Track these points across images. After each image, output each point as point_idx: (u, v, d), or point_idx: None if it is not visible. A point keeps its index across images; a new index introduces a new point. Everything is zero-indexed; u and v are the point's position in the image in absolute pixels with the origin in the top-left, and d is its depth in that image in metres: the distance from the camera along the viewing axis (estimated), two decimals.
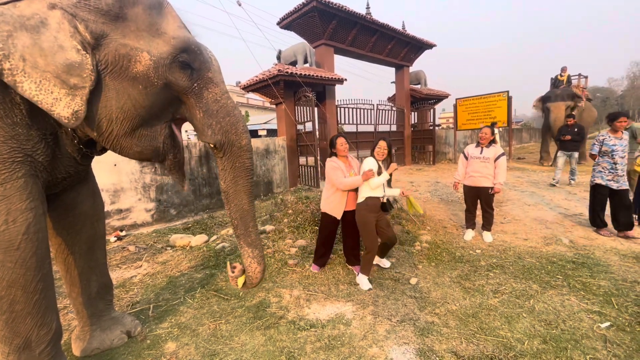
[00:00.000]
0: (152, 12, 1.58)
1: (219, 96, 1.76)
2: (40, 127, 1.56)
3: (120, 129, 1.58)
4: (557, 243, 3.95)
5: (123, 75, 1.52)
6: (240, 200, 1.91)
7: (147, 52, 1.53)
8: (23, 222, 1.48)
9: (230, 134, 1.79)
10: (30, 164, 1.53)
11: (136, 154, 1.71)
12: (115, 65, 1.50)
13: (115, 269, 3.67)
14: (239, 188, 1.89)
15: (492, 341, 2.19)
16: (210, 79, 1.74)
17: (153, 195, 5.56)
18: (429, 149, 12.54)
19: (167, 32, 1.59)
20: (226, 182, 1.88)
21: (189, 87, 1.68)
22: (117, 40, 1.49)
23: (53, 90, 1.40)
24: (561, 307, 2.56)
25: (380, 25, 9.63)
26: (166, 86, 1.62)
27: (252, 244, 1.96)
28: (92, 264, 2.16)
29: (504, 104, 11.04)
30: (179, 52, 1.59)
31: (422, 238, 4.24)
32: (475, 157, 4.11)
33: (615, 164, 3.99)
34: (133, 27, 1.52)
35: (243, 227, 1.95)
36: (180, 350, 2.22)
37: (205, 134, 1.76)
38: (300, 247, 4.00)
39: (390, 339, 2.26)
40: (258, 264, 1.97)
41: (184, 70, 1.63)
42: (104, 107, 1.52)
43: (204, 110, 1.73)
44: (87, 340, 2.20)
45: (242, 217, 1.93)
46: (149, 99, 1.58)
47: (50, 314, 1.65)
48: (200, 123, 1.75)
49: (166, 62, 1.57)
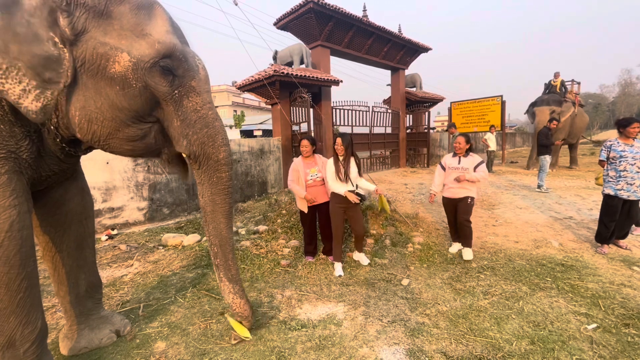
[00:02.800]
0: (139, 12, 1.53)
1: (200, 106, 1.71)
2: (23, 124, 1.53)
3: (102, 129, 1.54)
4: (547, 246, 4.00)
5: (100, 75, 1.47)
6: (219, 223, 1.87)
7: (127, 52, 1.48)
8: (6, 220, 1.46)
9: (206, 146, 1.74)
10: (15, 161, 1.50)
11: (128, 151, 1.69)
12: (93, 63, 1.45)
13: (105, 268, 3.64)
14: (217, 208, 1.85)
15: (481, 342, 2.21)
16: (192, 87, 1.69)
17: (146, 194, 5.51)
18: (423, 151, 12.61)
19: (153, 34, 1.54)
20: (204, 198, 1.85)
21: (169, 94, 1.62)
22: (97, 38, 1.44)
23: (22, 80, 1.33)
24: (549, 309, 2.59)
25: (376, 28, 9.69)
26: (145, 89, 1.57)
27: (232, 280, 1.99)
28: (80, 263, 2.14)
29: (498, 108, 11.19)
30: (161, 57, 1.54)
31: (414, 240, 4.27)
32: (453, 167, 3.82)
33: (623, 171, 3.61)
34: (117, 25, 1.47)
35: (223, 258, 1.93)
36: (169, 350, 2.20)
37: (180, 143, 1.72)
38: (293, 247, 4.00)
39: (380, 340, 2.27)
40: (241, 297, 2.03)
41: (165, 75, 1.58)
42: (82, 107, 1.48)
43: (181, 119, 1.68)
44: (75, 339, 2.17)
45: (221, 244, 1.91)
46: (127, 100, 1.53)
47: (35, 312, 1.63)
48: (177, 132, 1.70)
49: (146, 65, 1.52)
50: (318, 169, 3.58)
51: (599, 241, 3.84)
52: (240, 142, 7.23)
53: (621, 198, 3.64)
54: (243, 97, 34.77)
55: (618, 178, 3.66)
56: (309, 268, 3.50)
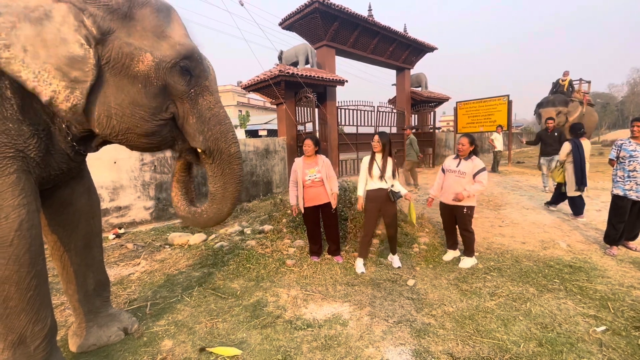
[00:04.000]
0: (159, 15, 1.63)
1: (213, 104, 1.82)
2: (32, 123, 1.55)
3: (120, 124, 1.60)
4: (555, 247, 3.96)
5: (124, 73, 1.55)
6: (224, 206, 1.97)
7: (150, 53, 1.57)
8: (15, 219, 1.48)
9: (220, 141, 1.84)
10: (23, 160, 1.53)
11: (144, 145, 1.76)
12: (117, 62, 1.52)
13: (113, 267, 3.67)
14: (227, 195, 1.95)
15: (488, 343, 2.19)
16: (206, 87, 1.81)
17: (152, 193, 5.56)
18: (429, 151, 12.55)
19: (173, 36, 1.65)
20: (215, 186, 1.94)
21: (186, 92, 1.72)
22: (122, 38, 1.52)
23: (52, 82, 1.41)
24: (557, 311, 2.57)
25: (381, 27, 9.66)
26: (164, 88, 1.66)
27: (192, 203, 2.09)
28: (88, 261, 2.16)
29: (504, 107, 11.07)
30: (181, 58, 1.65)
31: (420, 240, 4.25)
32: (451, 170, 3.52)
33: (632, 171, 3.53)
34: (139, 27, 1.56)
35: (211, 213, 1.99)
36: (176, 348, 2.22)
37: (196, 139, 1.81)
38: (298, 247, 4.01)
39: (386, 340, 2.26)
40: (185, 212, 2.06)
41: (184, 75, 1.68)
42: (102, 102, 1.54)
43: (197, 117, 1.78)
44: (83, 336, 2.20)
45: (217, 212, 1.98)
46: (147, 98, 1.61)
47: (45, 310, 1.66)
48: (193, 128, 1.79)
49: (168, 65, 1.61)
50: (318, 169, 3.55)
51: (607, 242, 3.78)
52: (246, 142, 7.26)
53: (630, 199, 3.58)
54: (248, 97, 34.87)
55: (627, 178, 3.60)
56: (315, 268, 3.50)
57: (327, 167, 3.61)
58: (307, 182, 3.53)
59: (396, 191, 3.36)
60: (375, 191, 3.38)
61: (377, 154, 3.42)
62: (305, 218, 3.68)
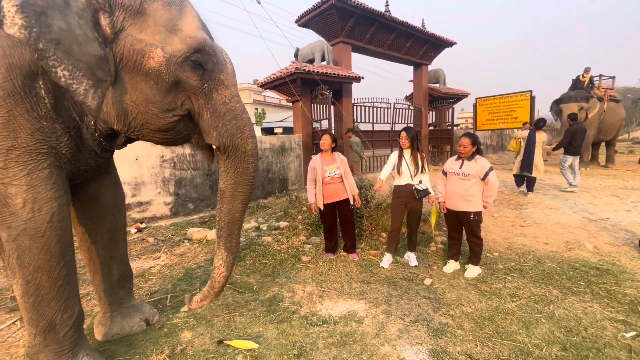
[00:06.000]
0: (171, 8, 1.60)
1: (228, 99, 1.77)
2: (63, 121, 1.61)
3: (135, 121, 1.62)
4: (580, 248, 3.80)
5: (136, 70, 1.55)
6: (235, 206, 1.95)
7: (161, 48, 1.55)
8: (48, 211, 1.54)
9: (235, 137, 1.80)
10: (55, 156, 1.59)
11: (160, 139, 1.77)
12: (129, 60, 1.53)
13: (135, 260, 3.80)
14: (237, 194, 1.92)
15: (509, 345, 2.13)
16: (221, 81, 1.74)
17: (172, 189, 5.71)
18: (446, 149, 12.30)
19: (184, 30, 1.60)
20: (226, 183, 1.91)
21: (199, 87, 1.68)
22: (133, 35, 1.52)
23: (82, 81, 1.43)
24: (583, 314, 2.47)
25: (399, 22, 9.51)
26: (177, 83, 1.64)
27: (229, 250, 2.06)
28: (113, 253, 2.24)
29: (527, 104, 10.68)
30: (192, 52, 1.60)
31: (437, 239, 4.18)
32: (454, 172, 3.22)
33: None
34: (151, 22, 1.54)
35: (227, 232, 2.01)
36: (195, 340, 2.28)
37: (210, 135, 1.77)
38: (314, 244, 4.02)
39: (402, 339, 2.24)
40: (226, 269, 2.08)
41: (196, 70, 1.64)
42: (119, 100, 1.57)
43: (211, 112, 1.74)
44: (108, 325, 2.29)
45: (230, 222, 1.99)
46: (160, 94, 1.61)
47: (73, 298, 1.73)
48: (207, 124, 1.76)
49: (179, 60, 1.58)
50: (337, 165, 3.57)
51: None
52: (262, 140, 7.33)
53: None
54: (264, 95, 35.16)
55: None
56: (330, 265, 3.51)
57: (344, 165, 3.62)
58: (326, 179, 3.53)
59: (421, 189, 3.31)
60: (402, 187, 3.37)
61: (405, 150, 3.38)
62: (323, 215, 3.67)
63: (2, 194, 1.48)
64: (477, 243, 3.19)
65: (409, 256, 3.57)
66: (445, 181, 3.34)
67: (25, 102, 1.46)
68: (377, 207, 4.63)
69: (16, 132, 1.45)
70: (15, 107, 1.44)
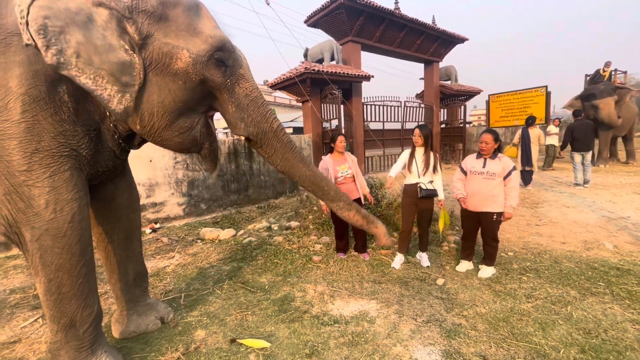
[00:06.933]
0: (190, 12, 1.68)
1: (249, 90, 1.86)
2: (84, 124, 1.68)
3: (161, 121, 1.69)
4: (599, 248, 3.69)
5: (165, 72, 1.63)
6: (301, 170, 2.01)
7: (187, 49, 1.63)
8: (69, 212, 1.60)
9: (261, 123, 1.88)
10: (76, 158, 1.65)
11: (177, 144, 1.82)
12: (159, 62, 1.61)
13: (150, 259, 3.89)
14: (293, 161, 1.99)
15: (525, 347, 2.09)
16: (241, 75, 1.84)
17: (185, 190, 5.81)
18: (459, 147, 12.11)
19: (204, 31, 1.69)
20: (279, 164, 1.99)
21: (223, 83, 1.77)
22: (160, 39, 1.60)
23: (107, 87, 1.50)
24: (602, 316, 2.39)
25: (409, 20, 9.41)
26: (202, 82, 1.72)
27: (334, 199, 2.09)
28: (129, 253, 2.30)
29: (542, 99, 10.40)
30: (215, 50, 1.69)
31: (449, 238, 4.12)
32: (476, 172, 3.07)
33: None
34: (174, 26, 1.63)
35: (320, 190, 2.07)
36: (209, 338, 2.31)
37: (238, 127, 1.87)
38: (325, 243, 4.03)
39: (415, 339, 2.22)
40: (349, 209, 2.11)
41: (219, 67, 1.73)
42: (146, 101, 1.63)
43: (236, 105, 1.83)
44: (125, 324, 2.35)
45: (312, 182, 2.04)
46: (187, 93, 1.69)
47: (92, 297, 1.79)
48: (233, 117, 1.85)
49: (204, 59, 1.66)
50: (348, 165, 3.58)
51: None
52: None
53: None
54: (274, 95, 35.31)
55: None
56: (341, 264, 3.51)
57: (355, 164, 3.63)
58: (339, 179, 3.53)
59: (425, 188, 3.24)
60: (412, 186, 3.33)
61: (417, 149, 3.32)
62: (334, 214, 3.64)
63: (26, 195, 1.53)
64: (493, 246, 3.11)
65: (420, 256, 3.53)
66: (464, 180, 3.20)
67: (50, 106, 1.53)
68: (388, 206, 4.61)
69: (40, 136, 1.51)
70: (40, 112, 1.50)
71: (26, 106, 1.47)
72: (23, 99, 1.46)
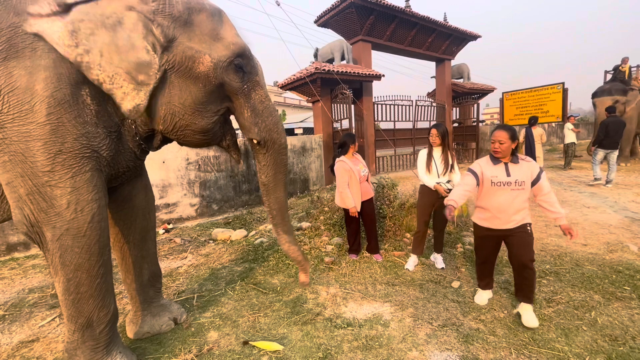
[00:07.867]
0: (213, 19, 1.77)
1: (264, 98, 1.96)
2: (106, 125, 1.71)
3: (181, 121, 1.77)
4: (624, 250, 3.53)
5: (187, 75, 1.70)
6: (279, 193, 2.16)
7: (209, 54, 1.71)
8: (89, 212, 1.63)
9: (273, 132, 1.99)
10: (96, 159, 1.68)
11: (199, 141, 1.92)
12: (182, 65, 1.68)
13: (163, 260, 3.92)
14: (278, 182, 2.13)
15: (547, 354, 2.01)
16: (257, 82, 1.94)
17: (197, 191, 5.86)
18: (472, 146, 11.89)
19: (226, 37, 1.78)
20: (267, 176, 2.10)
21: (240, 88, 1.86)
22: (184, 43, 1.67)
23: (123, 85, 1.57)
24: (630, 322, 2.28)
25: (420, 18, 9.29)
26: (221, 85, 1.80)
27: (288, 232, 2.27)
28: (144, 253, 2.32)
29: (559, 97, 10.10)
30: (235, 56, 1.78)
31: (464, 240, 4.03)
32: (501, 182, 2.37)
33: None
34: (198, 31, 1.71)
35: (280, 217, 2.22)
36: (221, 340, 2.31)
37: (252, 131, 1.96)
38: (336, 244, 3.99)
39: (431, 344, 2.17)
40: (294, 245, 2.30)
41: (238, 72, 1.82)
42: (168, 102, 1.71)
43: (251, 110, 1.92)
44: (139, 324, 2.37)
45: (279, 208, 2.19)
46: (207, 96, 1.78)
47: (109, 297, 1.81)
48: (248, 121, 1.94)
49: (224, 64, 1.75)
50: (364, 165, 3.63)
51: None
52: None
53: None
54: (284, 96, 35.49)
55: None
56: (353, 266, 3.46)
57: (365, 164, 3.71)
58: (362, 178, 3.55)
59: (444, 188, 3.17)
60: (426, 187, 3.28)
61: (435, 148, 3.26)
62: (349, 216, 3.55)
63: (48, 195, 1.56)
64: (532, 269, 2.33)
65: (435, 258, 3.46)
66: (473, 186, 2.45)
67: (74, 109, 1.57)
68: (401, 206, 4.53)
69: (64, 138, 1.54)
70: (64, 114, 1.54)
71: (51, 108, 1.50)
72: (48, 101, 1.49)
